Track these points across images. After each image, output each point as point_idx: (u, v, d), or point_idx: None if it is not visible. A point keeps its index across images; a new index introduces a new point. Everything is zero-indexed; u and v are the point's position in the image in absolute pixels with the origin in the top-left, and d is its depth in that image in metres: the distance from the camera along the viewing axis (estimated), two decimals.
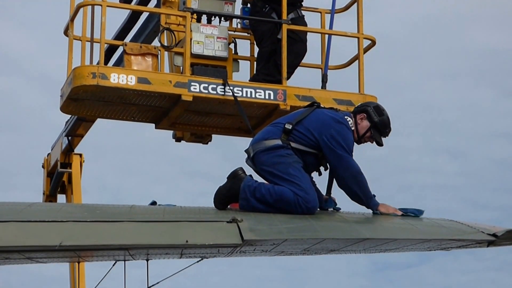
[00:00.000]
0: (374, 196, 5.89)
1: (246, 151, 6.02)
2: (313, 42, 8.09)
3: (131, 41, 8.54)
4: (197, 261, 5.87)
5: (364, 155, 6.35)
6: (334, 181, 6.11)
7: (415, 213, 6.03)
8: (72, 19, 7.41)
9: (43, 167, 10.73)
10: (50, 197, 10.41)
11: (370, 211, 6.00)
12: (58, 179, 10.09)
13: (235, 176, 5.81)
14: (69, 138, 9.58)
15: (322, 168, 6.11)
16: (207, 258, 5.85)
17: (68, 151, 9.87)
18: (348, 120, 5.86)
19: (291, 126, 5.73)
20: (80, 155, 10.00)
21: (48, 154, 10.73)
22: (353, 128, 5.91)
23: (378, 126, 5.86)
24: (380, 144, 5.99)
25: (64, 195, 10.30)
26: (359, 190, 5.71)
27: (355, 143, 5.99)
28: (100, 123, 8.82)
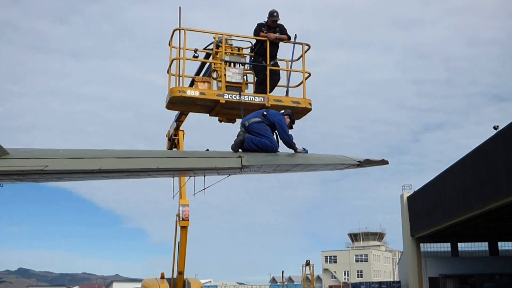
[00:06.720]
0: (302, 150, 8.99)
1: (242, 123, 9.27)
2: (283, 75, 11.42)
3: (196, 75, 11.68)
4: (227, 176, 8.53)
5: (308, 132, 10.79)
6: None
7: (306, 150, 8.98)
8: (170, 65, 10.73)
9: (166, 136, 14.28)
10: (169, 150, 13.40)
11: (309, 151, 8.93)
12: (173, 141, 13.57)
13: (240, 134, 8.95)
14: (177, 122, 12.94)
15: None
16: (230, 175, 8.44)
17: (177, 129, 13.27)
18: (284, 114, 9.54)
19: (265, 113, 9.31)
20: (182, 130, 13.37)
21: (168, 130, 14.64)
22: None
23: (292, 120, 9.59)
24: (291, 128, 9.53)
25: (175, 149, 13.44)
26: (285, 141, 9.11)
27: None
28: (190, 116, 12.05)
